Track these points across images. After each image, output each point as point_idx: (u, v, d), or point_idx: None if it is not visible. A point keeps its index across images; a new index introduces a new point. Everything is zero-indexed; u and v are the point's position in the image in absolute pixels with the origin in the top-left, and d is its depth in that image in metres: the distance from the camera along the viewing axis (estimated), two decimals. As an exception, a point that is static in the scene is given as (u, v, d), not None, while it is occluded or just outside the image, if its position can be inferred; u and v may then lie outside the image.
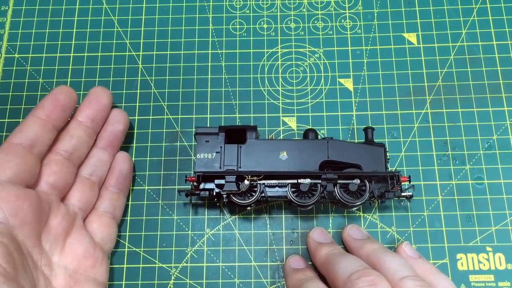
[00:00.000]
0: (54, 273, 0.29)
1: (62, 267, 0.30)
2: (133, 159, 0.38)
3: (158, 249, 0.35)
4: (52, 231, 0.30)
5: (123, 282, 0.34)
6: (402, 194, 0.33)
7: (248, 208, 0.35)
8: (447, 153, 0.37)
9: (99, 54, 0.41)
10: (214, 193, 0.33)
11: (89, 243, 0.31)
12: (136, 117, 0.39)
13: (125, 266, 0.35)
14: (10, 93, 0.40)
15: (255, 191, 0.33)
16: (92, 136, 0.34)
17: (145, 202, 0.37)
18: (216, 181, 0.33)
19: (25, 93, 0.40)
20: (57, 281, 0.29)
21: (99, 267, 0.31)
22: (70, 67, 0.40)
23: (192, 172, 0.36)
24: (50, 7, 0.43)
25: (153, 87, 0.40)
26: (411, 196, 0.33)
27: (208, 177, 0.33)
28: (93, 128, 0.34)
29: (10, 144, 0.30)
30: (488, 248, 0.35)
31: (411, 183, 0.34)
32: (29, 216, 0.28)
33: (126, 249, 0.35)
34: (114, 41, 0.41)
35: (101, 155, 0.34)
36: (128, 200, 0.37)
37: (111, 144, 0.35)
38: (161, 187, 0.37)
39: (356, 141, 0.37)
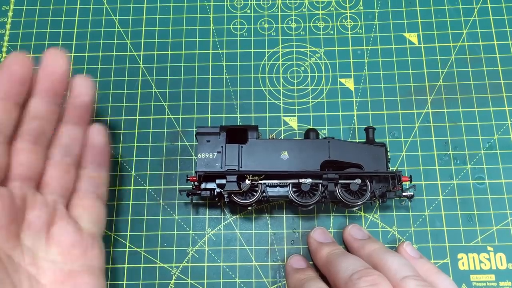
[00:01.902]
0: (42, 270, 0.27)
1: (50, 261, 0.27)
2: (134, 158, 0.38)
3: (159, 249, 0.35)
4: (32, 226, 0.27)
5: (124, 282, 0.34)
6: (403, 194, 0.33)
7: (249, 208, 0.35)
8: (448, 153, 0.37)
9: (100, 54, 0.41)
10: (215, 193, 0.33)
11: (75, 230, 0.29)
12: (137, 117, 0.39)
13: (126, 266, 0.35)
14: (11, 93, 0.40)
15: (256, 191, 0.33)
16: (55, 111, 0.30)
17: (146, 202, 0.37)
18: (217, 181, 0.33)
19: (26, 93, 0.40)
20: (46, 277, 0.27)
21: (91, 252, 0.29)
22: (71, 67, 0.40)
23: (193, 172, 0.36)
24: (51, 7, 0.43)
25: (154, 87, 0.40)
26: (412, 196, 0.33)
27: (209, 177, 0.33)
28: (55, 102, 0.30)
29: None
30: (489, 248, 0.35)
31: (412, 183, 0.34)
32: (2, 219, 0.25)
33: (127, 249, 0.35)
34: (115, 41, 0.41)
35: (71, 133, 0.31)
36: (129, 200, 0.37)
37: (81, 118, 0.31)
38: (162, 186, 0.37)
39: (357, 141, 0.37)
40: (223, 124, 0.38)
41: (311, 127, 0.38)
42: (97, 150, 0.32)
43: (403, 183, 0.33)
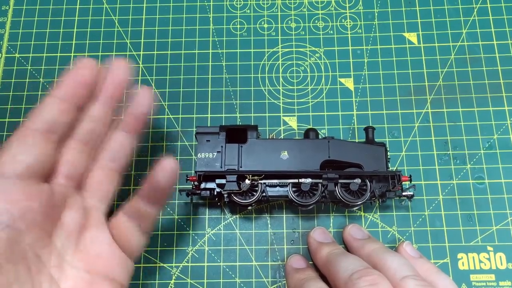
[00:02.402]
0: (65, 274, 0.26)
1: (74, 267, 0.26)
2: (134, 158, 0.38)
3: (159, 248, 0.35)
4: (65, 227, 0.26)
5: (124, 282, 0.34)
6: (403, 193, 0.33)
7: (249, 207, 0.35)
8: (448, 152, 0.37)
9: (100, 54, 0.41)
10: (215, 193, 0.33)
11: (106, 240, 0.28)
12: (137, 117, 0.39)
13: (126, 265, 0.35)
14: (11, 93, 0.40)
15: (256, 191, 0.33)
16: (110, 115, 0.30)
17: (146, 202, 0.36)
18: (217, 181, 0.33)
19: (25, 93, 0.40)
20: (66, 283, 0.26)
21: (117, 267, 0.28)
22: (71, 66, 0.40)
23: (193, 171, 0.36)
24: (51, 6, 0.43)
25: (153, 86, 0.40)
26: (412, 196, 0.33)
27: (209, 176, 0.33)
28: (111, 107, 0.30)
29: (26, 131, 0.26)
30: (489, 248, 0.35)
31: (412, 182, 0.34)
32: (39, 216, 0.25)
33: (127, 249, 0.35)
34: (115, 41, 0.41)
35: (123, 140, 0.30)
36: (129, 200, 0.36)
37: (135, 127, 0.31)
38: (162, 186, 0.37)
39: (357, 140, 0.37)
40: (223, 124, 0.38)
41: (311, 127, 0.38)
42: (159, 189, 0.29)
43: (403, 183, 0.33)
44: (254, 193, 0.33)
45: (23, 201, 0.24)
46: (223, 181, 0.33)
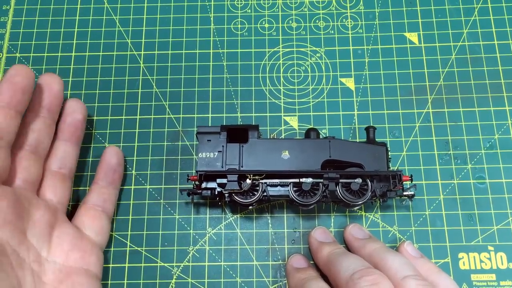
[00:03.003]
0: (43, 268, 0.29)
1: (51, 261, 0.29)
2: (135, 158, 0.38)
3: (160, 248, 0.35)
4: (37, 225, 0.29)
5: (125, 281, 0.34)
6: (404, 193, 0.33)
7: (250, 207, 0.35)
8: (449, 152, 0.37)
9: (101, 53, 0.41)
10: (216, 192, 0.33)
11: (74, 235, 0.31)
12: (138, 117, 0.39)
13: (127, 265, 0.35)
14: (12, 93, 0.40)
15: (257, 190, 0.33)
16: (51, 127, 0.33)
17: (146, 201, 0.37)
18: (218, 180, 0.33)
19: (26, 93, 0.40)
20: (47, 276, 0.29)
21: (89, 257, 0.31)
22: (72, 66, 0.40)
23: (194, 171, 0.36)
24: (52, 6, 0.43)
25: (154, 86, 0.40)
26: (412, 196, 0.33)
27: (210, 176, 0.33)
28: (51, 118, 0.33)
29: None
30: (490, 248, 0.35)
31: (413, 182, 0.34)
32: (9, 214, 0.27)
33: (128, 248, 0.35)
34: (116, 41, 0.41)
35: (65, 148, 0.34)
36: (129, 200, 0.37)
37: (73, 135, 0.34)
38: (163, 186, 0.37)
39: (357, 140, 0.37)
40: (224, 124, 0.38)
41: (312, 126, 0.38)
42: (109, 168, 0.35)
43: (404, 182, 0.33)
44: (255, 193, 0.33)
45: None
46: (224, 180, 0.33)
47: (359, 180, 0.32)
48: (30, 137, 0.31)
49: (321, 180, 0.32)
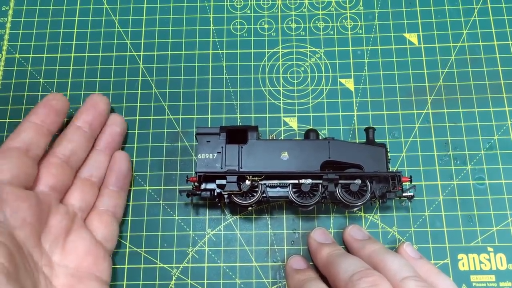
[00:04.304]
0: (55, 272, 0.29)
1: (63, 266, 0.30)
2: (134, 159, 0.38)
3: (159, 249, 0.35)
4: (52, 230, 0.30)
5: (124, 283, 0.34)
6: (403, 194, 0.33)
7: (249, 208, 0.35)
8: (448, 153, 0.37)
9: (100, 54, 0.41)
10: (215, 193, 0.33)
11: (90, 241, 0.31)
12: (137, 118, 0.39)
13: (126, 266, 0.35)
14: (11, 94, 0.40)
15: (256, 192, 0.33)
16: (90, 141, 0.35)
17: (146, 203, 0.37)
18: (217, 181, 0.33)
19: (25, 94, 0.40)
20: (58, 280, 0.29)
21: (101, 264, 0.31)
22: (71, 67, 0.40)
23: (193, 172, 0.36)
24: (51, 7, 0.43)
25: (154, 87, 0.40)
26: (412, 197, 0.33)
27: (209, 177, 0.33)
28: (91, 133, 0.35)
29: (7, 147, 0.31)
30: (489, 249, 0.35)
31: (412, 183, 0.34)
32: (28, 216, 0.28)
33: (127, 250, 0.35)
34: (115, 41, 0.41)
35: (99, 157, 0.35)
36: (129, 201, 0.37)
37: (109, 145, 0.36)
38: (162, 187, 0.37)
39: (357, 141, 0.37)
40: (223, 125, 0.37)
41: (311, 127, 0.38)
42: (120, 174, 0.35)
43: (403, 183, 0.33)
44: (254, 194, 0.33)
45: (14, 202, 0.28)
46: (223, 181, 0.33)
47: (358, 181, 0.32)
48: (66, 147, 0.33)
49: (321, 181, 0.32)
